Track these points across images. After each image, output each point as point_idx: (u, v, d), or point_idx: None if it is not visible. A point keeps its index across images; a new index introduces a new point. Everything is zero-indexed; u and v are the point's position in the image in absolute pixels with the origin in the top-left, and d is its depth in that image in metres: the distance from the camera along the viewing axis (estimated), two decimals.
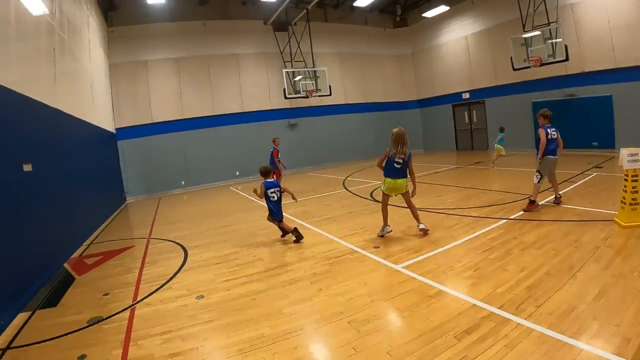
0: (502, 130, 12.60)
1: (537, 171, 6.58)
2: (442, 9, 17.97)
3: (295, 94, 16.46)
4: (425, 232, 5.90)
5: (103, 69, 13.70)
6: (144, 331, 3.85)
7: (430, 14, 18.60)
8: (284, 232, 6.65)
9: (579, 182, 8.63)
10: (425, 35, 20.70)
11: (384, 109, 21.44)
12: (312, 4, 15.72)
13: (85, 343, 3.71)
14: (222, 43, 17.08)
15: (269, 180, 6.48)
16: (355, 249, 5.76)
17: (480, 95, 18.15)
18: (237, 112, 17.51)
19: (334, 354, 3.12)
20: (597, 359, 2.58)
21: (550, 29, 13.19)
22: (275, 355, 3.14)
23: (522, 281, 3.97)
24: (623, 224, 5.16)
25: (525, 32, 13.99)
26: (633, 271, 3.83)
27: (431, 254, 5.16)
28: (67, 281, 5.76)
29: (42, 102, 6.78)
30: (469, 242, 5.45)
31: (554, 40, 13.12)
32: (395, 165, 5.68)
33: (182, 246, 7.13)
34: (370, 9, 19.45)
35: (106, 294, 5.02)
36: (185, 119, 16.52)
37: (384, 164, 5.82)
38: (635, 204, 5.10)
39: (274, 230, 7.14)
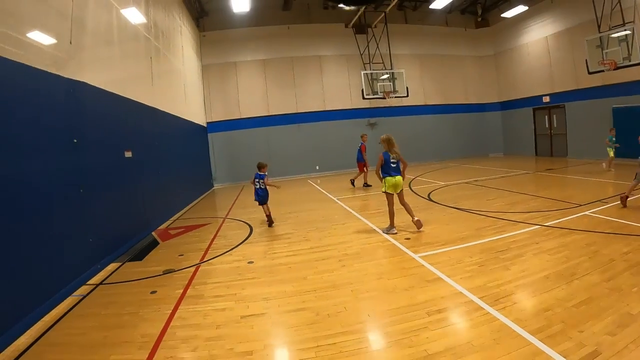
0: (612, 131, 12.03)
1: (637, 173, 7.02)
2: (521, 8, 17.13)
3: (374, 94, 16.95)
4: (419, 224, 6.58)
5: (196, 70, 15.78)
6: (202, 279, 5.12)
7: (509, 14, 17.85)
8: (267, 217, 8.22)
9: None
10: (507, 35, 19.78)
11: (463, 110, 20.99)
12: (390, 7, 16.15)
13: (157, 285, 5.02)
14: (305, 45, 18.34)
15: (260, 173, 8.13)
16: (389, 238, 6.45)
17: (560, 99, 17.04)
18: (318, 110, 18.68)
19: (328, 308, 3.96)
20: (539, 354, 2.79)
21: (626, 30, 12.18)
22: (288, 304, 4.15)
23: (516, 280, 4.23)
24: None
25: (600, 32, 13.04)
26: (633, 286, 3.76)
27: (450, 248, 5.62)
28: (153, 245, 7.29)
29: (142, 102, 8.45)
30: (491, 242, 5.69)
31: (630, 42, 12.11)
32: (392, 164, 6.44)
33: (250, 225, 8.41)
34: (449, 9, 19.25)
35: (181, 255, 6.42)
36: (270, 116, 18.16)
37: (381, 169, 6.58)
38: None
39: (329, 217, 8.56)
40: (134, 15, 8.44)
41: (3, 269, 3.71)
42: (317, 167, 18.52)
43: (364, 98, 16.82)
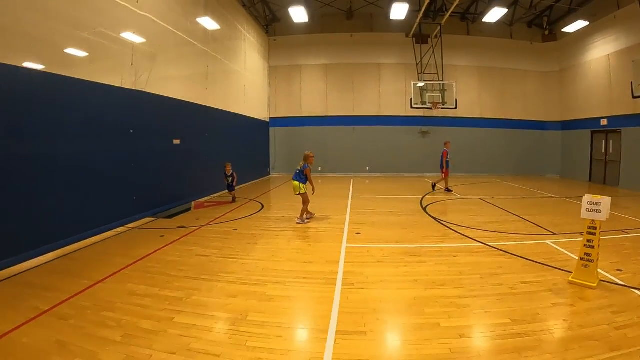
0: None
1: None
2: (580, 24, 16.58)
3: (422, 105, 18.15)
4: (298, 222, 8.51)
5: (260, 71, 18.98)
6: (196, 235, 7.81)
7: (570, 29, 17.40)
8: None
9: None
10: (574, 50, 19.06)
11: (521, 126, 20.89)
12: (445, 19, 17.14)
13: (167, 232, 7.86)
14: (366, 53, 20.38)
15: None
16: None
17: (617, 123, 16.21)
18: (374, 115, 20.67)
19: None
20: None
21: None
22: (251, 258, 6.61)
23: (388, 277, 6.16)
24: (570, 277, 4.81)
25: None
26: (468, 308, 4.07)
27: (378, 245, 7.71)
28: (187, 210, 10.33)
29: (194, 102, 11.49)
30: (416, 248, 6.54)
31: None
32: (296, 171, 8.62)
33: (262, 205, 11.11)
34: (511, 22, 19.34)
35: (197, 219, 9.23)
36: (328, 116, 20.73)
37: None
38: (587, 260, 4.65)
39: (330, 207, 11.00)
40: (193, 34, 11.54)
41: (93, 204, 6.90)
42: (367, 169, 20.53)
43: (411, 107, 18.27)
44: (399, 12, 16.15)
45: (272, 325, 3.81)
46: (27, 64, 6.07)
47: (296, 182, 8.59)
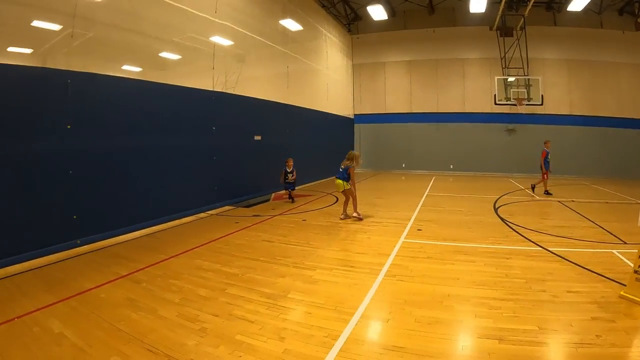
0: None
1: None
2: None
3: (506, 101, 17.21)
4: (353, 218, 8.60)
5: (343, 69, 19.44)
6: (268, 223, 8.45)
7: None
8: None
9: None
10: None
11: (615, 124, 18.42)
12: (528, 9, 16.01)
13: (242, 220, 8.59)
14: (449, 48, 19.75)
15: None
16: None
17: None
18: (458, 111, 19.99)
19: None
20: None
21: None
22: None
23: (430, 274, 6.35)
24: (621, 291, 4.35)
25: None
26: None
27: (435, 242, 7.62)
28: (266, 201, 11.11)
29: (275, 100, 12.27)
30: (471, 247, 6.32)
31: None
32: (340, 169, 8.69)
33: (336, 197, 11.52)
34: (599, 10, 17.26)
35: (273, 209, 9.92)
36: (412, 113, 20.52)
37: None
38: None
39: (402, 204, 11.43)
40: (272, 37, 12.33)
41: (179, 192, 8.02)
42: (451, 166, 19.91)
43: (495, 104, 17.37)
44: (479, 4, 15.50)
45: (306, 303, 4.16)
46: (127, 67, 7.17)
47: (339, 180, 8.77)
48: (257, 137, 11.54)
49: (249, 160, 11.09)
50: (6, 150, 5.23)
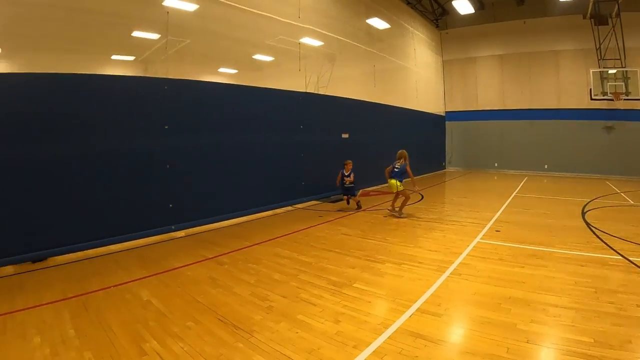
0: None
1: None
2: None
3: (603, 95, 15.25)
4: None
5: (433, 66, 18.82)
6: (349, 219, 8.61)
7: None
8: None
9: None
10: None
11: None
12: None
13: (325, 214, 8.84)
14: (541, 40, 17.89)
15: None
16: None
17: None
18: (552, 107, 18.18)
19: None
20: None
21: None
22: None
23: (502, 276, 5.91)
24: None
25: None
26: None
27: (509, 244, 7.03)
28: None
29: (361, 99, 12.36)
30: (549, 252, 5.69)
31: None
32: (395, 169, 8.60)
33: (421, 194, 11.29)
34: None
35: (359, 204, 9.95)
36: (504, 110, 19.12)
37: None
38: None
39: (486, 204, 11.07)
40: (357, 37, 12.43)
41: (268, 186, 8.60)
42: (546, 166, 18.21)
43: (591, 99, 15.51)
44: None
45: (368, 293, 4.21)
46: (223, 70, 7.79)
47: (394, 181, 8.55)
48: (345, 135, 11.70)
49: (336, 157, 11.20)
50: (117, 146, 6.08)
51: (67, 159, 5.62)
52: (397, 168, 8.61)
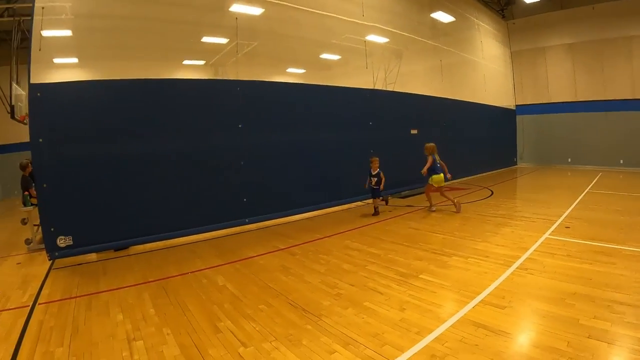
0: None
1: None
2: None
3: None
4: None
5: (501, 58, 17.72)
6: (416, 214, 8.41)
7: None
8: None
9: None
10: None
11: None
12: None
13: (394, 209, 8.72)
14: (613, 25, 16.00)
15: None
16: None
17: None
18: (627, 98, 16.39)
19: None
20: None
21: None
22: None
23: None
24: None
25: None
26: None
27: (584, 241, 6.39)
28: (420, 192, 10.89)
29: (429, 95, 12.02)
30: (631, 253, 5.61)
31: None
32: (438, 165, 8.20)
33: (491, 190, 10.75)
34: None
35: (427, 201, 9.61)
36: (577, 102, 17.50)
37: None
38: None
39: (557, 200, 10.32)
40: (421, 32, 12.11)
41: (340, 181, 8.60)
42: (621, 161, 16.38)
43: None
44: None
45: (433, 284, 4.13)
46: (292, 70, 7.96)
47: (442, 175, 8.23)
48: (414, 131, 11.41)
49: (406, 153, 10.96)
50: (197, 145, 6.53)
51: (152, 157, 6.15)
52: (438, 163, 8.29)
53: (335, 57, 10.37)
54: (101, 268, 5.12)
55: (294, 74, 9.71)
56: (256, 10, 7.84)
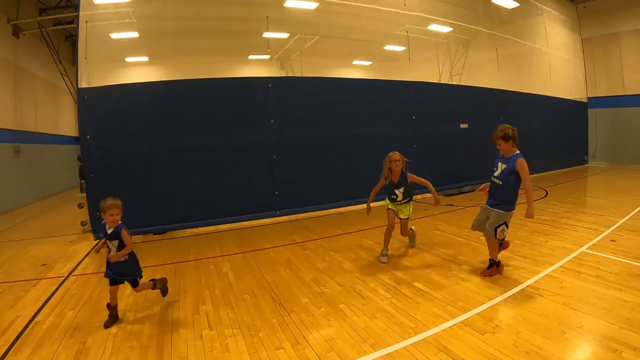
0: None
1: None
2: None
3: None
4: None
5: (569, 46, 15.76)
6: (456, 214, 8.11)
7: None
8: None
9: None
10: None
11: None
12: None
13: (432, 207, 8.45)
14: None
15: None
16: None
17: None
18: None
19: None
20: None
21: None
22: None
23: None
24: None
25: None
26: None
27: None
28: (468, 192, 10.29)
29: (484, 86, 11.31)
30: None
31: None
32: None
33: (545, 191, 10.06)
34: None
35: (470, 200, 9.20)
36: None
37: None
38: None
39: (614, 207, 9.51)
40: (475, 21, 11.35)
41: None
42: None
43: None
44: None
45: (422, 295, 3.90)
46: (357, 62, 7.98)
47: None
48: (463, 125, 10.83)
49: (453, 148, 10.41)
50: (234, 140, 6.98)
51: (193, 150, 6.72)
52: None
53: (399, 48, 10.08)
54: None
55: (353, 67, 9.70)
56: (311, 5, 8.05)
